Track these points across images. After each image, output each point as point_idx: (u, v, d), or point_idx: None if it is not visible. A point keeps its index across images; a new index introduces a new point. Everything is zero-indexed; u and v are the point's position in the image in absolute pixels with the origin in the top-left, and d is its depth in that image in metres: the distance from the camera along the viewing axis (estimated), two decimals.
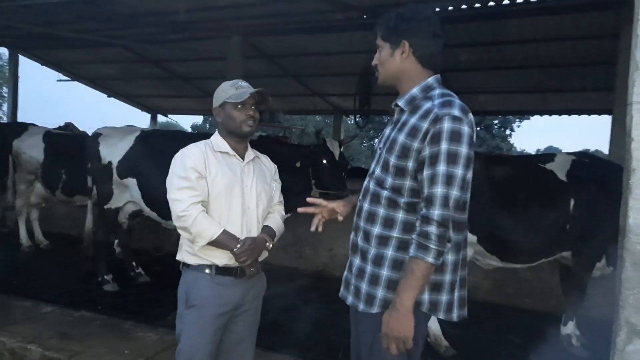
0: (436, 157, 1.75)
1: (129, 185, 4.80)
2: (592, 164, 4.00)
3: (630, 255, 2.09)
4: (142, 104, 13.69)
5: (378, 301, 1.89)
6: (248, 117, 2.36)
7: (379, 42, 1.99)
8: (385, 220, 1.90)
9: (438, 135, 1.75)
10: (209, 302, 2.30)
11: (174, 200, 2.27)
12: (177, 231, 2.33)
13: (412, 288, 1.76)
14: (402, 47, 1.92)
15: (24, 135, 6.35)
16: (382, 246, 1.90)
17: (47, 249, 6.57)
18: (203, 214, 2.26)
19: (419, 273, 1.75)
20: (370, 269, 1.92)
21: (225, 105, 2.38)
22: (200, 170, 2.29)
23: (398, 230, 1.88)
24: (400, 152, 1.85)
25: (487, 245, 3.83)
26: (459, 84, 8.70)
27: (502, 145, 25.75)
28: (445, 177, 1.74)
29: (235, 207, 2.34)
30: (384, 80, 2.01)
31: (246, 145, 2.49)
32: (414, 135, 1.82)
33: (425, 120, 1.80)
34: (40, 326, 3.86)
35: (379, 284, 1.89)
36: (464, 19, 6.33)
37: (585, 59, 7.38)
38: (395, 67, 1.95)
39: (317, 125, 22.25)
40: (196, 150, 2.34)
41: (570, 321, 3.91)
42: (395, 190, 1.88)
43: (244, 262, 2.27)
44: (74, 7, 6.20)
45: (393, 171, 1.88)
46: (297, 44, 8.12)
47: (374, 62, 2.03)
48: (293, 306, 4.71)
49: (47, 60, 11.06)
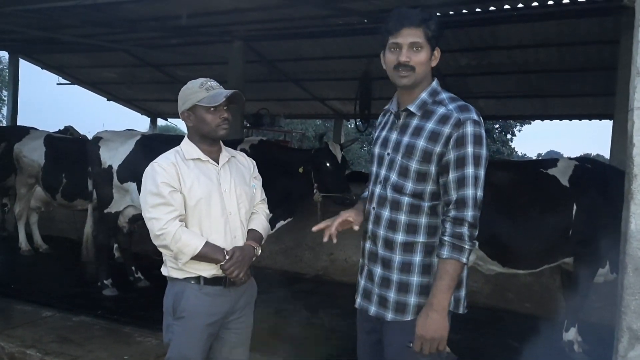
0: (463, 160, 1.81)
1: (129, 190, 4.80)
2: (595, 169, 3.99)
3: (632, 261, 2.08)
4: (143, 107, 13.71)
5: (411, 308, 1.90)
6: (222, 120, 2.23)
7: (422, 42, 1.86)
8: (408, 227, 1.91)
9: (462, 139, 1.81)
10: (198, 312, 2.20)
11: (150, 219, 2.15)
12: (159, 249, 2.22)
13: (449, 289, 1.80)
14: (435, 53, 1.93)
15: (25, 138, 6.35)
16: (408, 253, 1.91)
17: (47, 253, 6.56)
18: (182, 229, 2.14)
19: (454, 274, 1.80)
20: (398, 277, 1.91)
21: (195, 108, 2.22)
22: (173, 184, 2.16)
23: (423, 235, 1.90)
24: (422, 157, 1.86)
25: (488, 251, 3.82)
26: (459, 88, 8.72)
27: (503, 150, 25.71)
28: (474, 179, 1.81)
29: (216, 215, 2.22)
30: (415, 81, 1.90)
31: (219, 147, 2.35)
32: (435, 140, 1.84)
33: (446, 125, 1.83)
34: (40, 330, 3.85)
35: (410, 290, 1.90)
36: (465, 24, 6.35)
37: (585, 64, 7.40)
38: (427, 72, 1.93)
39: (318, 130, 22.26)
40: (166, 163, 2.20)
41: (572, 327, 3.89)
42: (417, 196, 1.89)
43: (235, 277, 2.17)
44: (76, 12, 6.22)
45: (414, 177, 1.88)
46: (297, 48, 8.14)
47: (407, 60, 1.86)
48: (293, 310, 4.69)
49: (48, 64, 11.09)
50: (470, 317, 1.99)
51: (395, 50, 1.88)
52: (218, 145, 2.34)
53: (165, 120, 14.74)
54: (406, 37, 1.85)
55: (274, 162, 4.63)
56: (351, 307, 2.20)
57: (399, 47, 1.87)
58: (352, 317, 2.24)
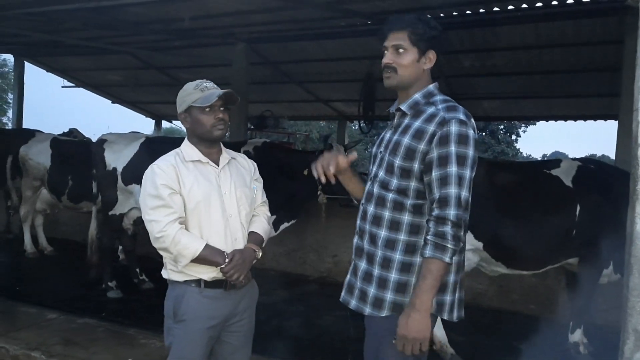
0: (446, 159, 1.80)
1: (133, 192, 4.81)
2: (598, 169, 3.98)
3: (637, 262, 2.07)
4: (147, 110, 13.76)
5: (387, 304, 1.90)
6: (218, 121, 2.20)
7: (405, 45, 1.91)
8: (391, 223, 1.91)
9: (446, 138, 1.80)
10: (198, 315, 2.19)
11: (149, 222, 2.14)
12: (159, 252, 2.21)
13: (432, 288, 1.78)
14: (428, 55, 1.95)
15: (31, 141, 6.39)
16: (389, 249, 1.91)
17: (52, 256, 6.58)
18: (182, 232, 2.12)
19: (437, 273, 1.78)
20: (378, 272, 1.92)
21: (191, 109, 2.21)
22: (172, 186, 2.14)
23: (405, 233, 1.90)
24: (405, 154, 1.87)
25: (492, 252, 3.81)
26: (462, 89, 8.71)
27: (507, 151, 25.66)
28: (457, 178, 1.79)
29: (216, 217, 2.20)
30: (399, 83, 1.95)
31: (219, 149, 2.32)
32: (419, 138, 1.86)
33: (431, 123, 1.85)
34: (44, 333, 3.86)
35: (388, 287, 1.90)
36: (469, 25, 6.34)
37: (589, 65, 7.39)
38: (416, 73, 1.95)
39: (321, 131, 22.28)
40: (166, 165, 2.19)
41: (577, 329, 3.88)
42: (401, 192, 1.90)
43: (236, 280, 2.16)
44: (80, 15, 6.25)
45: (398, 173, 1.90)
46: (301, 50, 8.15)
47: (389, 62, 1.93)
48: (297, 312, 4.69)
49: (53, 67, 11.16)
50: (475, 318, 1.99)
51: (385, 53, 1.97)
52: (217, 146, 2.32)
53: (170, 123, 14.81)
54: (391, 40, 1.94)
55: (277, 164, 4.63)
56: None
57: (386, 49, 1.96)
58: (355, 319, 2.24)
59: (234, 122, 7.01)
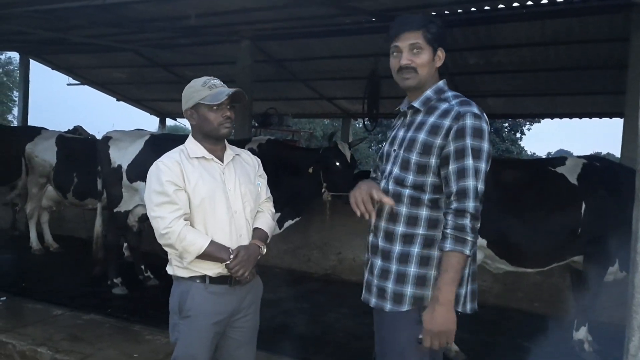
0: (462, 152, 1.83)
1: (138, 189, 4.83)
2: (604, 167, 3.97)
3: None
4: (152, 107, 13.78)
5: (407, 298, 1.91)
6: (225, 119, 2.22)
7: (422, 44, 1.94)
8: (408, 219, 1.93)
9: (462, 131, 1.84)
10: (203, 311, 2.20)
11: (154, 218, 2.16)
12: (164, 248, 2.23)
13: (454, 282, 1.81)
14: (439, 53, 1.99)
15: (37, 139, 6.42)
16: (407, 244, 1.93)
17: (57, 252, 6.62)
18: (187, 228, 2.14)
19: (458, 266, 1.80)
20: (396, 268, 1.93)
21: (198, 106, 2.23)
22: (177, 182, 2.16)
23: (423, 228, 1.92)
24: (422, 150, 1.90)
25: (497, 249, 3.81)
26: (467, 87, 8.69)
27: (512, 149, 25.59)
28: (474, 171, 1.82)
29: (221, 214, 2.22)
30: (419, 83, 1.97)
31: (224, 146, 2.34)
32: (435, 133, 1.89)
33: (446, 118, 1.88)
34: (51, 329, 3.89)
35: (407, 281, 1.91)
36: (473, 22, 6.33)
37: (595, 62, 7.34)
38: (431, 72, 1.99)
39: (326, 129, 22.28)
40: (171, 162, 2.21)
41: (582, 326, 3.87)
42: (417, 188, 1.92)
43: (241, 276, 2.18)
44: (85, 13, 6.26)
45: (415, 169, 1.91)
46: (305, 48, 8.14)
47: (408, 62, 1.94)
48: (301, 309, 4.71)
49: (58, 65, 11.18)
50: (480, 316, 1.99)
51: (397, 54, 1.98)
52: (222, 143, 2.33)
53: (174, 120, 14.81)
54: (405, 40, 1.94)
55: (282, 161, 4.64)
56: (359, 306, 2.21)
57: (399, 50, 1.96)
58: (360, 316, 2.25)
59: (239, 120, 7.00)
